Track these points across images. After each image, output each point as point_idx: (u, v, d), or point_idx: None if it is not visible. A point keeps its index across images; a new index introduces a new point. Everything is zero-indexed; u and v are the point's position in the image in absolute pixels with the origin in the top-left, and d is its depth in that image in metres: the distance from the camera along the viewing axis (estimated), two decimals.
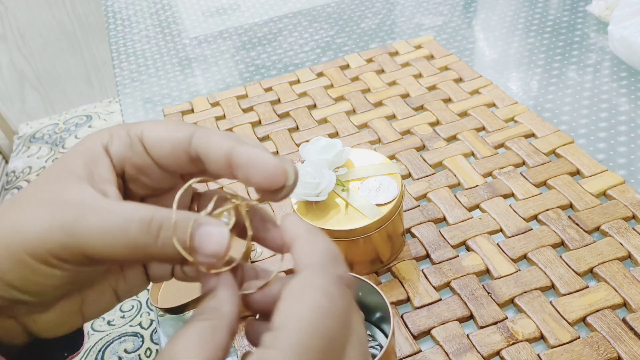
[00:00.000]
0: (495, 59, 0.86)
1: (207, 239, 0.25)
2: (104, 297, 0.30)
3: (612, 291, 0.52)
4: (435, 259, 0.57)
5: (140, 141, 0.28)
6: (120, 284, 0.30)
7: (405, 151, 0.70)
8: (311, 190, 0.53)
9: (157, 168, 0.28)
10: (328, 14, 1.05)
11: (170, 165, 0.28)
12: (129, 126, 0.29)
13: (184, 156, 0.27)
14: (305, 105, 0.81)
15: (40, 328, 0.28)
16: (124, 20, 1.15)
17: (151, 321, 1.45)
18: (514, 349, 0.49)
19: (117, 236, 0.25)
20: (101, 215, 0.25)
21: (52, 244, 0.25)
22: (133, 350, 1.39)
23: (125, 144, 0.28)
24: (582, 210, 0.59)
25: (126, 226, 0.25)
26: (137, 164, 0.28)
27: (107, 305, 0.30)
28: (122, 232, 0.25)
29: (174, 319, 0.56)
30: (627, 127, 0.70)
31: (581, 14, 0.93)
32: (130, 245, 0.25)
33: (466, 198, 0.63)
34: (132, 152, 0.28)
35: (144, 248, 0.25)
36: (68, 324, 0.29)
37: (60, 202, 0.26)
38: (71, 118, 2.25)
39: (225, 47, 1.00)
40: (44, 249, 0.25)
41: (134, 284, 0.30)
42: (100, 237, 0.25)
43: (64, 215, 0.25)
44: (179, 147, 0.27)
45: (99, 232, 0.25)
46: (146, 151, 0.28)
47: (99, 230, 0.25)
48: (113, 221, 0.25)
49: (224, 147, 0.26)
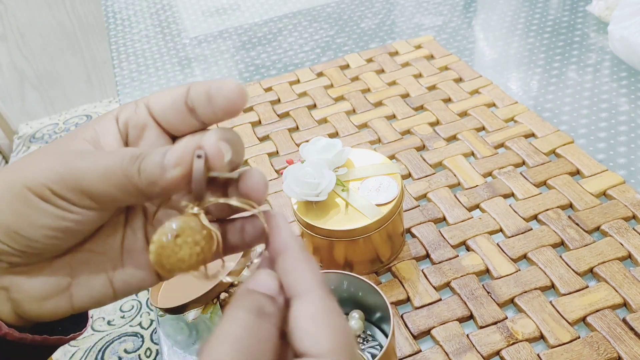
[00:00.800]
0: (495, 59, 0.86)
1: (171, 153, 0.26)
2: (96, 281, 0.29)
3: (612, 291, 0.52)
4: (435, 258, 0.57)
5: (146, 106, 0.30)
6: (118, 273, 0.30)
7: (405, 151, 0.70)
8: (311, 190, 0.53)
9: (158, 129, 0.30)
10: (328, 14, 1.05)
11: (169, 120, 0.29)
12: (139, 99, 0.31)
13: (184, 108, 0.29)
14: (305, 105, 0.81)
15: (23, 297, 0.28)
16: (124, 20, 1.15)
17: (151, 321, 1.45)
18: (514, 348, 0.49)
19: (110, 168, 0.26)
20: (99, 155, 0.27)
21: (52, 177, 0.26)
22: (133, 350, 1.39)
23: (130, 109, 0.30)
24: (582, 210, 0.59)
25: (119, 160, 0.26)
26: (139, 124, 0.29)
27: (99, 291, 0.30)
28: (116, 165, 0.26)
29: (174, 319, 0.56)
30: (627, 127, 0.70)
31: (581, 14, 0.93)
32: (120, 176, 0.26)
33: (466, 198, 0.63)
34: (135, 114, 0.30)
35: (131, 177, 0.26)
36: (52, 302, 0.29)
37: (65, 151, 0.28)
38: (71, 118, 2.25)
39: (225, 47, 1.00)
40: (43, 181, 0.26)
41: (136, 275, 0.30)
42: (96, 170, 0.26)
43: (65, 155, 0.27)
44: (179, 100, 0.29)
45: (95, 166, 0.26)
46: (149, 111, 0.30)
47: (96, 165, 0.26)
48: (109, 158, 0.27)
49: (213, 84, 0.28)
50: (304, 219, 0.54)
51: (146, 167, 0.26)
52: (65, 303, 0.29)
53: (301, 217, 0.54)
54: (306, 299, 0.25)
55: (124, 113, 0.30)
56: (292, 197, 0.55)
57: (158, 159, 0.26)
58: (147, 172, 0.26)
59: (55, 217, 0.27)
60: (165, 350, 0.54)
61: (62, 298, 0.29)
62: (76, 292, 0.29)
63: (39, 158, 0.27)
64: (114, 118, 0.30)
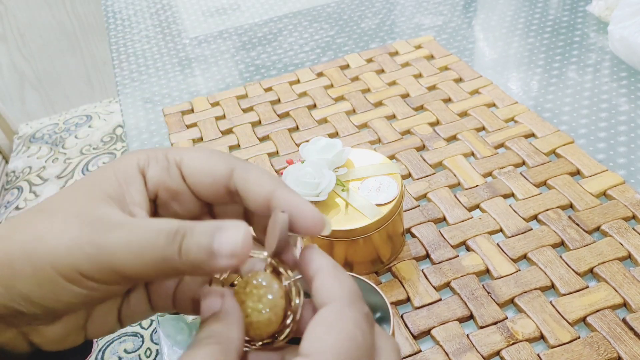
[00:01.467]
0: (495, 59, 0.86)
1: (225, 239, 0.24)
2: (109, 318, 0.29)
3: (612, 291, 0.52)
4: (435, 259, 0.57)
5: (178, 167, 0.28)
6: (124, 308, 0.30)
7: (405, 151, 0.70)
8: (311, 190, 0.53)
9: (192, 196, 0.28)
10: (328, 14, 1.05)
11: (207, 196, 0.28)
12: (167, 150, 0.28)
13: (223, 190, 0.28)
14: (305, 105, 0.81)
15: (43, 341, 0.28)
16: (124, 20, 1.15)
17: (151, 321, 1.45)
18: (514, 349, 0.49)
19: (146, 249, 0.24)
20: (130, 229, 0.25)
21: (81, 259, 0.24)
22: (133, 350, 1.39)
23: (162, 168, 0.28)
24: (582, 210, 0.59)
25: (154, 239, 0.24)
26: (171, 189, 0.28)
27: (110, 326, 0.29)
28: (150, 244, 0.24)
29: (174, 319, 0.56)
30: (627, 127, 0.70)
31: (581, 14, 0.93)
32: (158, 257, 0.24)
33: (466, 198, 0.63)
34: (168, 177, 0.28)
35: (170, 260, 0.24)
36: (71, 338, 0.29)
37: (88, 217, 0.25)
38: (71, 118, 2.25)
39: (225, 47, 1.00)
40: (73, 265, 0.24)
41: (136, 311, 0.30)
42: (129, 250, 0.24)
43: (93, 230, 0.25)
44: (219, 182, 0.27)
45: (128, 245, 0.24)
46: (183, 178, 0.28)
47: (128, 244, 0.24)
48: (142, 235, 0.24)
49: (265, 188, 0.27)
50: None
51: (190, 249, 0.24)
52: (79, 337, 0.29)
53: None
54: (326, 308, 0.24)
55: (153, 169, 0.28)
56: None
57: (205, 241, 0.24)
58: (192, 256, 0.24)
59: (83, 295, 0.25)
60: (165, 350, 0.54)
61: (79, 335, 0.29)
62: (90, 327, 0.29)
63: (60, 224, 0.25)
64: (140, 171, 0.28)
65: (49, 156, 2.08)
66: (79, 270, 0.24)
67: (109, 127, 2.17)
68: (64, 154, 2.08)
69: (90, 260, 0.24)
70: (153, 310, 0.30)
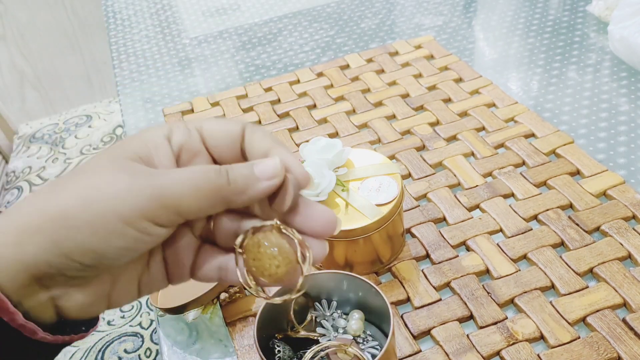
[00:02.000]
0: (495, 59, 0.86)
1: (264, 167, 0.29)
2: (131, 287, 0.31)
3: (612, 291, 0.52)
4: (435, 259, 0.57)
5: (199, 132, 0.31)
6: (144, 277, 0.31)
7: (405, 151, 0.70)
8: (311, 190, 0.53)
9: (208, 157, 0.31)
10: (328, 14, 1.05)
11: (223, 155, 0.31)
12: (187, 122, 0.32)
13: (238, 149, 0.31)
14: (305, 105, 0.81)
15: (70, 305, 0.29)
16: (124, 20, 1.15)
17: (151, 321, 1.45)
18: (514, 349, 0.49)
19: (201, 183, 0.28)
20: (181, 171, 0.28)
21: (144, 201, 0.27)
22: (133, 350, 1.39)
23: (183, 133, 0.31)
24: (582, 210, 0.59)
25: (206, 174, 0.28)
26: (192, 150, 0.31)
27: (131, 295, 0.31)
28: (204, 179, 0.28)
29: (174, 319, 0.56)
30: (627, 127, 0.70)
31: (581, 14, 0.93)
32: (213, 189, 0.28)
33: (466, 198, 0.63)
34: (190, 139, 0.31)
35: (222, 189, 0.28)
36: (95, 306, 0.30)
37: (134, 170, 0.28)
38: (71, 118, 2.25)
39: (225, 47, 1.00)
40: (136, 208, 0.26)
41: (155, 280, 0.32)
42: (188, 185, 0.27)
43: (147, 176, 0.27)
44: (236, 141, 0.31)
45: (186, 182, 0.27)
46: (203, 140, 0.31)
47: (185, 180, 0.27)
48: (194, 173, 0.28)
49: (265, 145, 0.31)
50: None
51: (237, 178, 0.29)
52: (103, 306, 0.30)
53: None
54: None
55: (177, 135, 0.31)
56: None
57: (247, 171, 0.29)
58: (239, 183, 0.28)
59: (136, 240, 0.27)
60: (165, 350, 0.54)
61: (102, 303, 0.30)
62: (113, 295, 0.30)
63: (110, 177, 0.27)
64: (166, 138, 0.30)
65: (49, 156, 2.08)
66: (143, 211, 0.27)
67: (109, 127, 2.17)
68: (64, 154, 2.08)
69: (153, 200, 0.27)
70: (169, 281, 0.32)
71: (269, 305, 0.47)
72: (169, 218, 0.28)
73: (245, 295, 0.57)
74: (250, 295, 0.56)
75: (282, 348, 0.47)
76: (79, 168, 0.29)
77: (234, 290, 0.55)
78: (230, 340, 0.53)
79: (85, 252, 0.27)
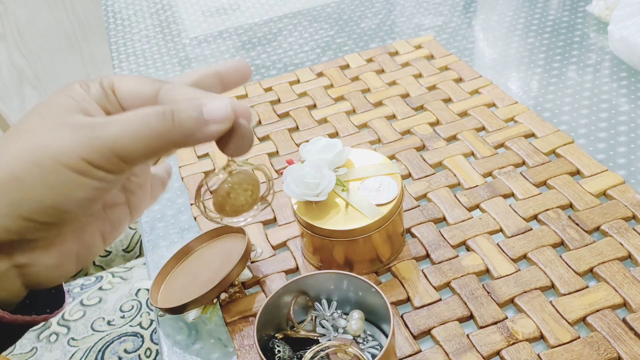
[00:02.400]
0: (495, 59, 0.86)
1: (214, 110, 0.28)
2: (96, 241, 0.32)
3: (612, 291, 0.52)
4: (435, 258, 0.57)
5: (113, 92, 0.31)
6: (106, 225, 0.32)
7: (405, 151, 0.70)
8: (311, 190, 0.53)
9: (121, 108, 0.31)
10: (328, 14, 1.05)
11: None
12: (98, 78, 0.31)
13: None
14: (305, 105, 0.81)
15: (38, 270, 0.29)
16: (124, 20, 1.15)
17: (151, 321, 1.45)
18: (514, 348, 0.49)
19: (141, 130, 0.27)
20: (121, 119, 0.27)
21: (87, 149, 0.27)
22: (133, 350, 1.38)
23: (100, 93, 0.30)
24: (582, 210, 0.59)
25: (147, 119, 0.27)
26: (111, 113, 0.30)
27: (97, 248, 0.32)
28: (145, 125, 0.27)
29: (174, 319, 0.56)
30: (627, 127, 0.70)
31: (581, 14, 0.93)
32: (154, 134, 0.27)
33: (466, 198, 0.63)
34: (107, 101, 0.30)
35: (166, 133, 0.27)
36: (65, 267, 0.30)
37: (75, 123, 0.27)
38: None
39: (225, 47, 1.00)
40: (80, 156, 0.26)
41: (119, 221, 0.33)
42: (128, 134, 0.27)
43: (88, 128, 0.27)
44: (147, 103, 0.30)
45: (126, 131, 0.27)
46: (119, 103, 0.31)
47: (125, 129, 0.27)
48: (134, 119, 0.27)
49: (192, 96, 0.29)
50: (304, 219, 0.54)
51: (183, 122, 0.27)
52: (72, 267, 0.31)
53: (301, 217, 0.54)
54: None
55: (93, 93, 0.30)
56: (292, 197, 0.55)
57: (195, 113, 0.27)
58: (185, 126, 0.27)
59: (93, 188, 0.27)
60: (165, 350, 0.54)
61: (71, 263, 0.30)
62: (81, 254, 0.31)
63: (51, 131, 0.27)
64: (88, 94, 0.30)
65: None
66: (86, 158, 0.26)
67: None
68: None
69: (94, 149, 0.27)
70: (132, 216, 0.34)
71: (269, 305, 0.47)
72: (118, 166, 0.27)
73: (246, 295, 0.57)
74: (250, 295, 0.56)
75: (282, 348, 0.47)
76: (16, 130, 0.28)
77: (234, 290, 0.55)
78: (230, 340, 0.53)
79: (44, 209, 0.27)
